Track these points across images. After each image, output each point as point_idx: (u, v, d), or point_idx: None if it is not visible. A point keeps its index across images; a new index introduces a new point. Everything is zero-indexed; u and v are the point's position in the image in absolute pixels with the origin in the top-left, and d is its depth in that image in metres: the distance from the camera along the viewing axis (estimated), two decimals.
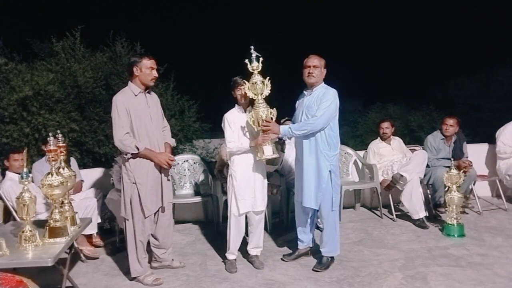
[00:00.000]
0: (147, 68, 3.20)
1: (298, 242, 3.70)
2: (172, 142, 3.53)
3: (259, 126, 3.22)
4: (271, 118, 3.24)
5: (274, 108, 3.26)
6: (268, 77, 3.21)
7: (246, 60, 3.17)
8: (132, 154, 3.13)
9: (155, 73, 3.25)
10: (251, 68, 3.19)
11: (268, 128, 3.20)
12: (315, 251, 3.69)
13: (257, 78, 3.19)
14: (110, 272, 3.57)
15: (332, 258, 3.52)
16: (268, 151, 3.22)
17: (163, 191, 3.31)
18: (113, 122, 3.14)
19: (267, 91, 3.21)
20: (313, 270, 3.42)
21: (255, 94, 3.21)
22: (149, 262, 3.52)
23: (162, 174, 3.31)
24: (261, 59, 3.17)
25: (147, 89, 3.31)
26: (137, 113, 3.18)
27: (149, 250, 3.47)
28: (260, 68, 3.20)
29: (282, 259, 3.68)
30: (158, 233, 3.42)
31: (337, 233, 3.49)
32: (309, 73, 3.34)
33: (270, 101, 3.27)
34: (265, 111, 3.20)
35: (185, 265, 3.63)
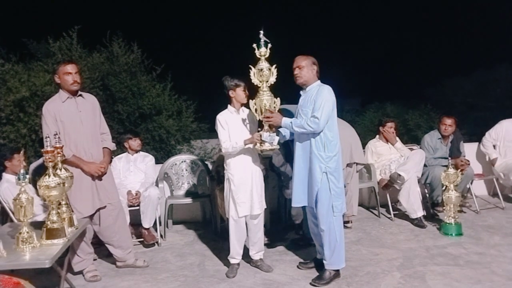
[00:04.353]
0: (64, 74, 3.22)
1: (317, 251, 3.49)
2: (112, 146, 3.56)
3: (261, 114, 3.14)
4: (274, 108, 3.14)
5: (278, 98, 3.18)
6: (275, 65, 3.12)
7: (254, 45, 3.07)
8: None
9: (74, 77, 3.23)
10: (258, 54, 3.08)
11: (270, 120, 3.11)
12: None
13: (263, 64, 3.09)
14: (108, 273, 3.56)
15: (336, 271, 3.23)
16: (267, 143, 3.13)
17: (99, 193, 3.34)
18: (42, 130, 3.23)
19: (272, 79, 3.13)
20: (310, 284, 3.17)
21: (260, 81, 3.12)
22: (114, 262, 3.63)
23: (96, 178, 3.32)
24: (269, 45, 3.08)
25: (77, 93, 3.32)
26: (65, 119, 3.22)
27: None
28: (267, 54, 3.10)
29: (298, 267, 3.51)
30: (103, 233, 3.47)
31: (340, 242, 3.18)
32: (295, 74, 3.24)
33: (279, 92, 3.20)
34: (269, 100, 3.11)
35: (148, 265, 3.66)
